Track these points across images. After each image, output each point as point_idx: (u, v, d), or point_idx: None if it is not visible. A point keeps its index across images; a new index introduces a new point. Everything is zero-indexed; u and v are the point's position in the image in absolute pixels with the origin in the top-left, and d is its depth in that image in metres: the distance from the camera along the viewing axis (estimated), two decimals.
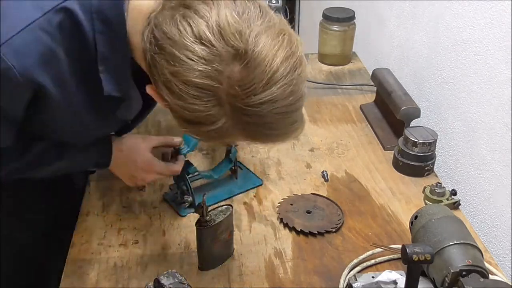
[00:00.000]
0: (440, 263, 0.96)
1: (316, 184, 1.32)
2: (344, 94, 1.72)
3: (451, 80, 1.41)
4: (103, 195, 1.27)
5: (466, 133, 1.35)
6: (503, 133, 1.20)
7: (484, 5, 1.24)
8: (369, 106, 1.63)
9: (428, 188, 1.25)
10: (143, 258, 1.10)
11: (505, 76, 1.18)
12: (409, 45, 1.65)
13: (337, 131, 1.54)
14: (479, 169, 1.30)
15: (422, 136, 1.33)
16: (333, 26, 1.82)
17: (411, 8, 1.62)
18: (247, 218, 1.21)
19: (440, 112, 1.47)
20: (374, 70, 1.63)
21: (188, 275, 1.06)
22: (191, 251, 1.11)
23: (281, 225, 1.19)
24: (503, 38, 1.18)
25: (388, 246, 1.09)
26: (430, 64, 1.52)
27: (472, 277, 0.93)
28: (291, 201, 1.25)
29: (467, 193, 1.34)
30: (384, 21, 1.84)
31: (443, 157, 1.45)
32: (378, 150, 1.46)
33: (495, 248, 1.24)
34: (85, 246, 1.13)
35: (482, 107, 1.27)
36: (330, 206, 1.24)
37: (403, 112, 1.40)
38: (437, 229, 1.01)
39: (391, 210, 1.24)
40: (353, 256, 1.10)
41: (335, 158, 1.42)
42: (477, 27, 1.28)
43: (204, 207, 1.02)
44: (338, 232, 1.18)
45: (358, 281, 1.01)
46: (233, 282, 1.05)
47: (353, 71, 1.86)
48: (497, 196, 1.24)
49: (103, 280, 1.05)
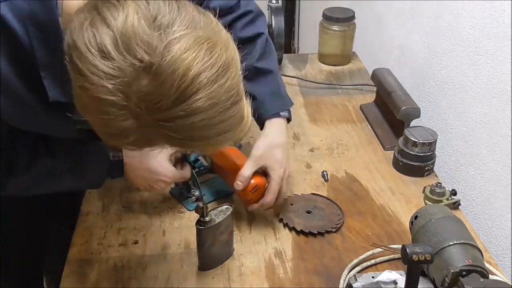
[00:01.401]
0: (440, 263, 0.96)
1: (316, 184, 1.32)
2: (344, 94, 1.72)
3: (451, 80, 1.41)
4: (103, 195, 1.27)
5: (466, 133, 1.35)
6: (503, 133, 1.20)
7: (484, 5, 1.24)
8: (369, 106, 1.63)
9: (428, 188, 1.25)
10: (143, 258, 1.10)
11: (505, 76, 1.18)
12: (409, 45, 1.65)
13: (337, 131, 1.54)
14: (479, 169, 1.30)
15: (422, 136, 1.33)
16: (333, 26, 1.82)
17: (411, 8, 1.62)
18: (247, 218, 1.21)
19: (440, 112, 1.47)
20: (374, 70, 1.63)
21: (188, 275, 1.06)
22: (191, 251, 1.11)
23: (281, 225, 1.19)
24: (503, 38, 1.18)
25: (388, 246, 1.09)
26: (430, 64, 1.52)
27: (472, 277, 0.93)
28: (291, 201, 1.25)
29: (467, 193, 1.34)
30: (384, 21, 1.84)
31: (443, 157, 1.45)
32: (378, 150, 1.46)
33: (495, 248, 1.24)
34: (85, 246, 1.13)
35: (482, 107, 1.27)
36: (330, 206, 1.24)
37: (403, 112, 1.40)
38: (437, 229, 1.01)
39: (391, 210, 1.24)
40: (353, 256, 1.10)
41: (335, 158, 1.42)
42: (477, 27, 1.28)
43: (204, 207, 1.02)
44: (338, 232, 1.18)
45: (358, 281, 1.01)
46: (233, 282, 1.06)
47: (353, 71, 1.86)
48: (497, 196, 1.24)
49: (103, 280, 1.05)
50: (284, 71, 1.85)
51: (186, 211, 1.22)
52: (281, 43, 1.77)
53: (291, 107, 1.23)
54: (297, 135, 1.51)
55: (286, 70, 1.86)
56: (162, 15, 0.67)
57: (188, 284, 1.05)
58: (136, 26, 0.66)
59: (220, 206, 1.07)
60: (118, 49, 0.65)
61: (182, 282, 1.05)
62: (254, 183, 1.13)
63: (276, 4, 1.78)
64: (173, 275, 1.06)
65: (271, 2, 1.78)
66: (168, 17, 0.67)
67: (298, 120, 1.58)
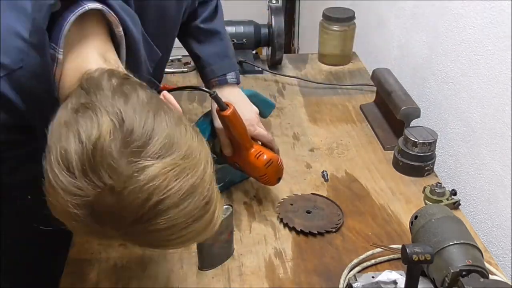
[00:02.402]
0: (440, 263, 0.96)
1: (316, 184, 1.32)
2: (344, 94, 1.72)
3: (451, 80, 1.41)
4: None
5: (466, 133, 1.35)
6: (503, 133, 1.20)
7: (484, 5, 1.24)
8: (369, 106, 1.63)
9: (428, 188, 1.25)
10: (143, 258, 1.10)
11: (505, 76, 1.18)
12: (409, 45, 1.65)
13: (337, 131, 1.54)
14: (479, 169, 1.30)
15: (422, 136, 1.33)
16: (333, 26, 1.82)
17: (411, 8, 1.62)
18: (247, 218, 1.21)
19: (440, 112, 1.47)
20: (374, 70, 1.63)
21: (188, 275, 1.06)
22: (191, 251, 1.11)
23: (281, 225, 1.19)
24: (503, 38, 1.18)
25: (388, 246, 1.09)
26: (430, 64, 1.52)
27: (472, 277, 0.93)
28: (291, 201, 1.25)
29: (467, 193, 1.34)
30: (384, 21, 1.84)
31: (443, 157, 1.45)
32: (378, 150, 1.46)
33: (495, 248, 1.24)
34: (85, 246, 1.13)
35: (482, 107, 1.27)
36: (330, 206, 1.24)
37: (403, 112, 1.40)
38: (437, 229, 1.01)
39: (391, 210, 1.24)
40: (353, 256, 1.10)
41: (335, 158, 1.42)
42: (477, 27, 1.28)
43: None
44: (338, 232, 1.18)
45: (358, 281, 1.01)
46: (233, 282, 1.06)
47: (353, 71, 1.86)
48: (497, 196, 1.24)
49: (103, 280, 1.05)
50: (284, 71, 1.85)
51: None
52: (281, 43, 1.77)
53: (238, 70, 1.27)
54: (297, 135, 1.51)
55: (286, 70, 1.86)
56: (134, 138, 0.67)
57: (188, 284, 1.05)
58: (106, 149, 0.66)
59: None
60: (84, 171, 0.66)
61: (182, 282, 1.05)
62: (268, 157, 1.15)
63: (276, 4, 1.78)
64: (173, 275, 1.06)
65: (271, 2, 1.79)
66: (140, 142, 0.68)
67: (298, 120, 1.58)
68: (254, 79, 1.80)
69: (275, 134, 1.51)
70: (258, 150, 1.17)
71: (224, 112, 1.11)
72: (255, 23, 1.81)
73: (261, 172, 1.16)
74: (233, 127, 1.14)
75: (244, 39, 1.79)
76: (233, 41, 1.78)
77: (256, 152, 1.17)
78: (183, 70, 1.84)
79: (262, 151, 1.17)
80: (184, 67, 1.85)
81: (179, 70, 1.84)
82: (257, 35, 1.80)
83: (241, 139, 1.16)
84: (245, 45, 1.80)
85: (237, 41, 1.78)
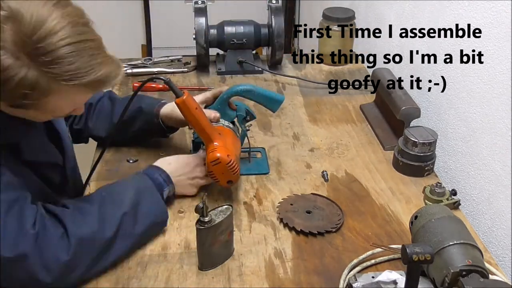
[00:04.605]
0: (440, 263, 0.96)
1: (316, 184, 1.32)
2: (344, 94, 1.72)
3: (451, 80, 1.41)
4: None
5: (466, 133, 1.35)
6: (503, 133, 1.20)
7: (484, 5, 1.24)
8: (369, 106, 1.63)
9: (428, 188, 1.25)
10: (143, 258, 1.10)
11: (505, 76, 1.18)
12: (409, 45, 1.65)
13: (337, 131, 1.54)
14: (479, 169, 1.30)
15: (422, 136, 1.33)
16: (333, 26, 1.82)
17: (411, 8, 1.62)
18: (247, 218, 1.21)
19: (440, 112, 1.47)
20: (374, 70, 1.63)
21: (188, 275, 1.06)
22: (191, 251, 1.11)
23: (281, 225, 1.19)
24: (503, 38, 1.18)
25: (388, 246, 1.09)
26: (430, 64, 1.52)
27: (472, 277, 0.93)
28: (291, 201, 1.25)
29: (467, 193, 1.34)
30: (384, 21, 1.84)
31: (443, 157, 1.45)
32: (378, 150, 1.46)
33: (495, 248, 1.24)
34: None
35: (482, 107, 1.27)
36: (330, 206, 1.24)
37: (403, 112, 1.40)
38: (437, 229, 1.01)
39: (391, 210, 1.24)
40: (353, 256, 1.10)
41: (335, 158, 1.42)
42: (477, 27, 1.28)
43: (204, 207, 1.02)
44: (338, 232, 1.18)
45: (358, 281, 1.01)
46: (233, 282, 1.06)
47: (353, 71, 1.86)
48: (497, 196, 1.24)
49: (103, 280, 1.05)
50: (284, 71, 1.85)
51: (186, 211, 1.22)
52: (281, 43, 1.77)
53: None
54: (297, 135, 1.51)
55: (286, 70, 1.86)
56: None
57: (188, 284, 1.05)
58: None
59: (220, 206, 1.07)
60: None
61: (182, 282, 1.05)
62: (218, 156, 1.15)
63: (276, 4, 1.78)
64: (173, 275, 1.06)
65: (271, 2, 1.79)
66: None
67: (298, 120, 1.58)
68: (254, 79, 1.80)
69: (275, 134, 1.51)
70: (215, 146, 1.17)
71: (177, 99, 1.13)
72: (255, 23, 1.82)
73: (208, 168, 1.17)
74: (186, 116, 1.15)
75: (244, 39, 1.79)
76: (233, 41, 1.79)
77: (212, 147, 1.17)
78: (183, 70, 1.84)
79: (218, 149, 1.16)
80: (184, 67, 1.86)
81: (179, 70, 1.84)
82: (257, 35, 1.80)
83: (198, 129, 1.17)
84: (245, 45, 1.80)
85: (237, 41, 1.78)
